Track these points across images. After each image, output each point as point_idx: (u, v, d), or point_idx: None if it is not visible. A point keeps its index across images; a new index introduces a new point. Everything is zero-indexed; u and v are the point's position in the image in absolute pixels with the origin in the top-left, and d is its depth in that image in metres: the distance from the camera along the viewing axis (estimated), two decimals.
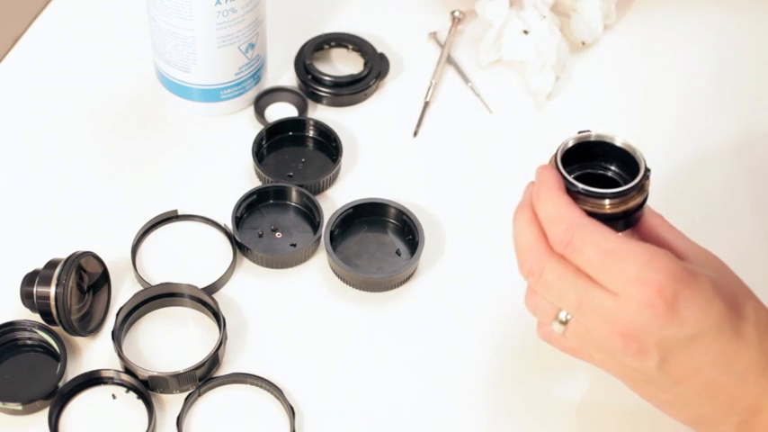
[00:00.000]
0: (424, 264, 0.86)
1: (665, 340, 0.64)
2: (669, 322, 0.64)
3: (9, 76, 0.97)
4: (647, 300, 0.63)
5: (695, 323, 0.64)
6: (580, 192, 0.67)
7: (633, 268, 0.64)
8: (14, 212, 0.88)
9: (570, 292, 0.66)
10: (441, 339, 0.83)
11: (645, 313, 0.64)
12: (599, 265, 0.65)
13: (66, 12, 1.01)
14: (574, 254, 0.66)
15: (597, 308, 0.65)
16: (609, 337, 0.65)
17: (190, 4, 0.86)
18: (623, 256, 0.64)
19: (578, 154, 0.70)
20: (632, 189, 0.67)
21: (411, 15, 1.02)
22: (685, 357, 0.65)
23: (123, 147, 0.92)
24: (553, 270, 0.66)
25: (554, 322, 0.68)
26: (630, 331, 0.64)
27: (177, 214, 0.87)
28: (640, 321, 0.64)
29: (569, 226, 0.66)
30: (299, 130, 0.92)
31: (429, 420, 0.79)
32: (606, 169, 0.71)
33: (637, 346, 0.64)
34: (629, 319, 0.64)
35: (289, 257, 0.85)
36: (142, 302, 0.82)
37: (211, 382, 0.79)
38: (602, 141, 0.70)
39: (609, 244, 0.65)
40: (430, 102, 0.96)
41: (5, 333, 0.80)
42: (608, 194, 0.67)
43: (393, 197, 0.88)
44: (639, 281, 0.64)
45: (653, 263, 0.64)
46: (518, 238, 0.69)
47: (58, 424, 0.77)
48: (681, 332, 0.64)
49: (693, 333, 0.64)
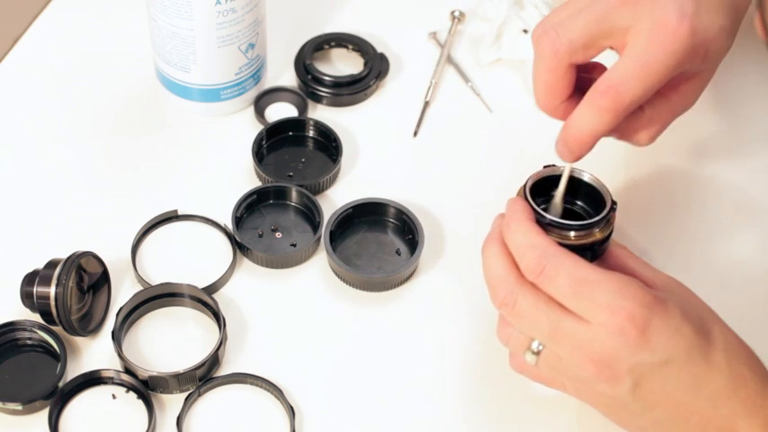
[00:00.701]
0: (424, 264, 0.86)
1: (637, 366, 0.65)
2: (640, 349, 0.65)
3: (9, 76, 0.97)
4: (619, 327, 0.65)
5: (666, 349, 0.65)
6: (548, 223, 0.69)
7: (604, 296, 0.65)
8: (14, 212, 0.88)
9: (543, 321, 0.67)
10: (440, 339, 0.83)
11: (617, 340, 0.65)
12: (571, 293, 0.66)
13: (67, 12, 1.01)
14: (546, 282, 0.67)
15: (570, 336, 0.66)
16: (582, 364, 0.66)
17: (190, 4, 0.86)
18: (594, 285, 0.66)
19: (546, 187, 0.72)
20: (598, 222, 0.69)
21: (411, 15, 1.02)
22: (657, 383, 0.66)
23: (123, 147, 0.92)
24: (525, 299, 0.67)
25: (526, 353, 0.69)
26: (603, 358, 0.65)
27: (177, 214, 0.88)
28: (612, 348, 0.65)
29: (541, 254, 0.67)
30: (299, 130, 0.92)
31: (429, 420, 0.79)
32: (573, 203, 0.73)
33: (609, 372, 0.66)
34: (602, 346, 0.65)
35: (289, 257, 0.85)
36: (142, 302, 0.82)
37: (211, 382, 0.79)
38: (571, 176, 0.72)
39: (580, 272, 0.66)
40: (430, 102, 0.96)
41: (5, 333, 0.80)
42: (575, 226, 0.69)
43: (393, 197, 0.88)
44: (611, 309, 0.65)
45: (623, 291, 0.65)
46: (489, 270, 0.70)
47: (58, 424, 0.77)
48: (652, 358, 0.65)
49: (664, 359, 0.65)
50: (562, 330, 0.66)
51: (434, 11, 1.02)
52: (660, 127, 0.74)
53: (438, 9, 1.01)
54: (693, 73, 0.73)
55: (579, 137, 0.70)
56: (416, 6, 1.03)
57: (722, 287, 0.85)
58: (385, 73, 0.97)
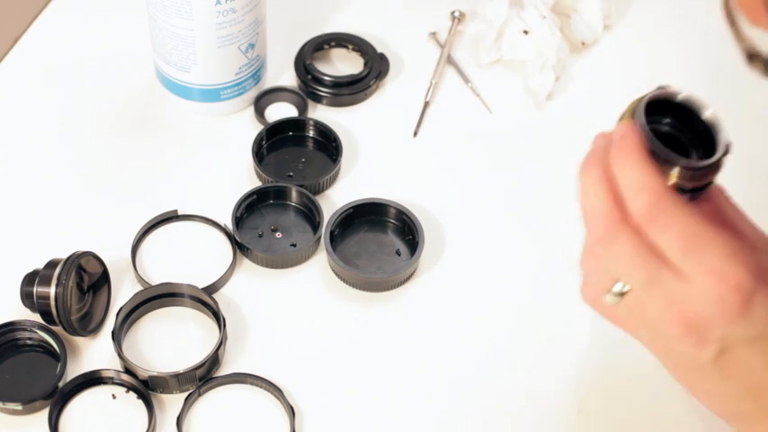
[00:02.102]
0: (424, 264, 0.86)
1: (728, 336, 0.62)
2: (738, 320, 0.61)
3: (9, 76, 0.97)
4: (722, 294, 0.61)
5: (763, 324, 0.62)
6: (657, 152, 0.62)
7: (715, 259, 0.61)
8: (14, 212, 0.88)
9: (640, 269, 0.62)
10: (441, 339, 0.83)
11: (715, 307, 0.61)
12: (681, 248, 0.61)
13: (67, 12, 1.01)
14: (655, 231, 0.62)
15: (666, 290, 0.62)
16: (670, 321, 0.62)
17: (190, 4, 0.86)
18: (707, 245, 0.61)
19: (654, 108, 0.64)
20: (710, 167, 0.63)
21: (411, 15, 1.02)
22: (744, 355, 0.63)
23: (123, 147, 0.92)
24: (627, 243, 0.62)
25: (608, 294, 0.64)
26: (696, 321, 0.62)
27: (177, 214, 0.87)
28: (708, 314, 0.61)
29: (656, 200, 0.61)
30: (299, 130, 0.92)
31: (429, 420, 0.79)
32: (681, 134, 0.66)
33: (697, 337, 0.62)
34: (698, 309, 0.61)
35: (289, 257, 0.85)
36: (142, 302, 0.82)
37: (211, 382, 0.79)
38: (687, 106, 0.65)
39: (695, 228, 0.61)
40: (430, 102, 0.96)
41: (5, 333, 0.80)
42: (685, 165, 0.62)
43: (393, 197, 0.88)
44: (719, 274, 0.61)
45: (735, 257, 0.61)
46: (587, 199, 0.64)
47: (58, 424, 0.77)
48: (747, 332, 0.62)
49: (759, 333, 0.62)
50: (659, 283, 0.62)
51: (434, 11, 1.02)
52: None
53: (438, 9, 1.01)
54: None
55: None
56: (416, 6, 1.03)
57: None
58: (385, 73, 0.97)
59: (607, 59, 1.00)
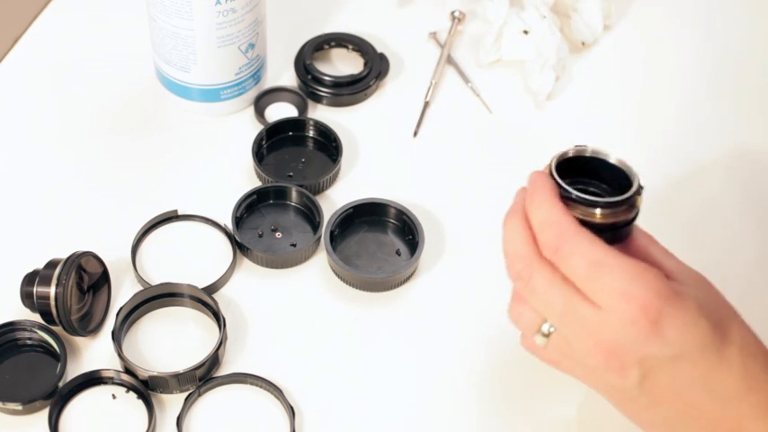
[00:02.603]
0: (424, 264, 0.86)
1: (647, 358, 0.64)
2: (651, 340, 0.63)
3: (9, 76, 0.97)
4: (630, 316, 0.63)
5: (678, 343, 0.63)
6: (573, 198, 0.67)
7: (619, 282, 0.63)
8: (14, 212, 0.88)
9: (557, 300, 0.65)
10: (440, 339, 0.83)
11: (627, 330, 0.63)
12: (585, 275, 0.64)
13: (67, 12, 1.01)
14: (562, 261, 0.65)
15: (581, 320, 0.64)
16: (590, 351, 0.65)
17: (190, 4, 0.86)
18: (610, 269, 0.64)
19: (571, 167, 0.70)
20: (624, 201, 0.67)
21: (411, 15, 1.02)
22: (666, 377, 0.64)
23: (123, 147, 0.92)
24: (542, 275, 0.66)
25: (537, 334, 0.67)
26: (612, 347, 0.64)
27: (177, 214, 0.88)
28: (622, 338, 0.63)
29: (561, 232, 0.65)
30: (299, 130, 0.92)
31: (429, 420, 0.79)
32: (598, 186, 0.71)
33: (617, 362, 0.64)
34: (611, 334, 0.63)
35: (289, 257, 0.85)
36: (142, 302, 0.82)
37: (211, 382, 0.79)
38: (596, 158, 0.70)
39: (597, 255, 0.64)
40: (430, 102, 0.96)
41: (5, 333, 0.80)
42: (600, 203, 0.67)
43: (393, 197, 0.88)
44: (624, 296, 0.63)
45: (639, 279, 0.63)
46: (508, 243, 0.68)
47: (58, 424, 0.77)
48: (663, 351, 0.63)
49: (676, 353, 0.63)
50: (574, 313, 0.65)
51: (434, 11, 1.02)
52: None
53: (438, 9, 1.01)
54: None
55: None
56: (416, 6, 1.03)
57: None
58: (385, 73, 0.97)
59: (607, 59, 1.00)
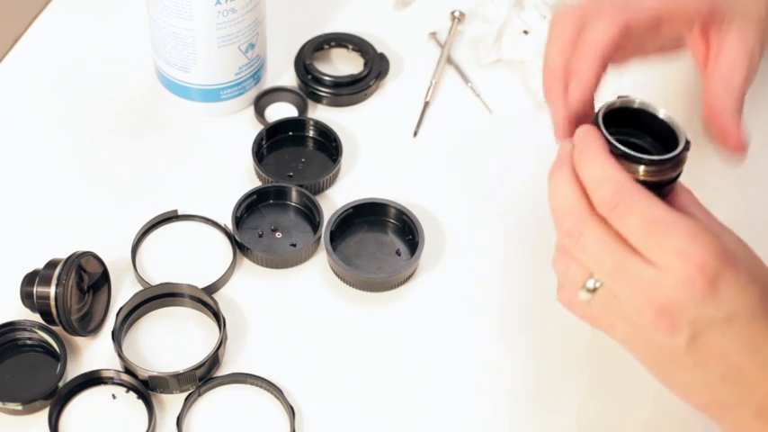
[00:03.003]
0: (424, 264, 0.86)
1: (699, 319, 0.62)
2: (706, 300, 0.62)
3: (9, 76, 0.97)
4: (688, 275, 0.62)
5: (732, 305, 0.62)
6: (620, 154, 0.65)
7: (677, 241, 0.62)
8: (14, 212, 0.88)
9: (608, 257, 0.64)
10: (440, 339, 0.83)
11: (683, 288, 0.62)
12: (643, 232, 0.63)
13: (67, 12, 1.01)
14: (618, 218, 0.63)
15: (634, 277, 0.63)
16: (641, 308, 0.63)
17: (190, 4, 0.86)
18: (669, 228, 0.62)
19: (616, 118, 0.68)
20: (671, 159, 0.66)
21: (411, 15, 1.02)
22: (716, 338, 0.63)
23: (123, 147, 0.92)
24: (593, 232, 0.64)
25: (581, 290, 0.65)
26: (665, 305, 0.62)
27: (177, 214, 0.88)
28: (677, 296, 0.62)
29: (617, 189, 0.64)
30: (299, 130, 0.92)
31: (428, 420, 0.79)
32: (643, 139, 0.69)
33: (669, 321, 0.62)
34: (666, 292, 0.62)
35: (289, 257, 0.85)
36: (142, 302, 0.82)
37: (211, 382, 0.79)
38: (644, 110, 0.68)
39: (656, 212, 0.63)
40: (430, 102, 0.96)
41: (5, 333, 0.80)
42: (646, 160, 0.65)
43: (393, 197, 0.88)
44: (682, 254, 0.62)
45: (698, 238, 0.62)
46: (557, 197, 0.66)
47: (58, 424, 0.77)
48: (716, 312, 0.62)
49: (728, 315, 0.62)
50: (626, 269, 0.63)
51: (434, 11, 1.02)
52: None
53: (438, 9, 1.01)
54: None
55: None
56: (416, 6, 1.03)
57: None
58: (385, 73, 0.97)
59: None
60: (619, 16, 0.70)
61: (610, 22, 0.70)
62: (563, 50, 0.71)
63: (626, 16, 0.70)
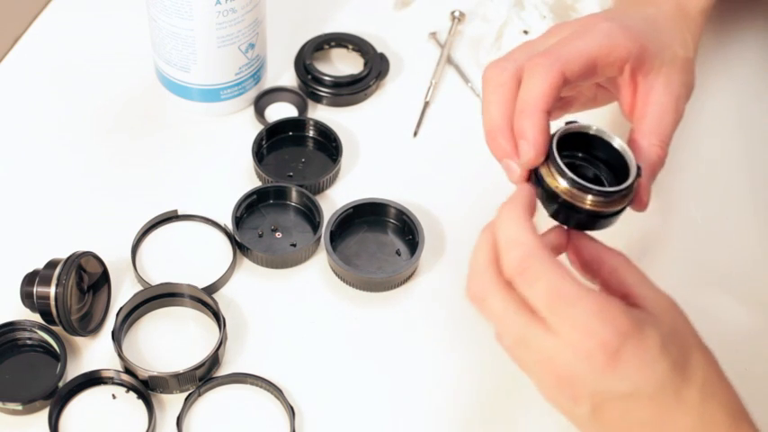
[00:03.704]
0: (424, 264, 0.86)
1: (600, 392, 0.63)
2: (606, 376, 0.62)
3: (9, 76, 0.97)
4: (588, 351, 0.62)
5: (633, 381, 0.62)
6: (570, 179, 0.65)
7: (581, 316, 0.62)
8: (14, 212, 0.88)
9: (511, 326, 0.64)
10: (440, 339, 0.83)
11: (582, 363, 0.62)
12: (547, 304, 0.63)
13: (67, 12, 1.01)
14: (524, 285, 0.64)
15: (536, 347, 0.64)
16: (544, 376, 0.64)
17: (190, 4, 0.86)
18: (573, 301, 0.62)
19: (570, 143, 0.68)
20: (619, 192, 0.66)
21: (411, 15, 1.02)
22: (617, 413, 0.63)
23: (123, 147, 0.92)
24: (496, 299, 0.65)
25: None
26: (565, 376, 0.63)
27: (177, 214, 0.88)
28: (577, 370, 0.63)
29: (527, 255, 0.64)
30: (299, 130, 0.92)
31: (428, 420, 0.79)
32: (594, 166, 0.69)
33: (570, 391, 0.63)
34: (566, 365, 0.63)
35: (289, 257, 0.85)
36: (142, 302, 0.82)
37: (211, 382, 0.79)
38: (599, 137, 0.68)
39: (562, 285, 0.63)
40: (430, 102, 0.96)
41: (5, 333, 0.80)
42: (595, 191, 0.65)
43: (393, 197, 0.88)
44: (583, 331, 0.62)
45: (601, 314, 0.62)
46: (473, 257, 0.67)
47: (58, 424, 0.77)
48: (617, 387, 0.62)
49: (630, 391, 0.62)
50: (528, 339, 0.64)
51: (434, 11, 1.02)
52: None
53: (438, 9, 1.01)
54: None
55: None
56: (416, 6, 1.03)
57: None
58: (385, 73, 0.97)
59: None
60: (552, 67, 0.69)
61: (545, 74, 0.69)
62: (504, 108, 0.70)
63: (559, 66, 0.69)
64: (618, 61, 0.72)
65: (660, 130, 0.72)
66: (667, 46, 0.74)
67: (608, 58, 0.71)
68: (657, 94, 0.73)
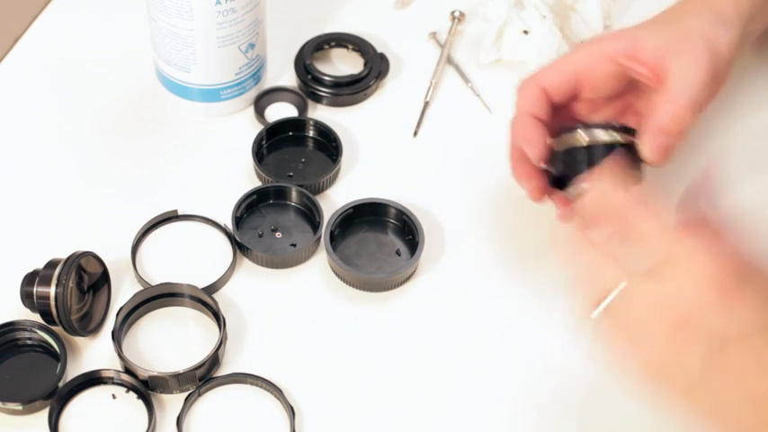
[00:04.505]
0: (424, 264, 0.86)
1: (716, 331, 0.61)
2: (725, 312, 0.61)
3: (9, 76, 0.97)
4: (705, 284, 0.62)
5: (753, 321, 0.61)
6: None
7: (690, 254, 0.63)
8: (14, 212, 0.88)
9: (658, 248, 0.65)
10: (440, 339, 0.83)
11: (701, 299, 0.62)
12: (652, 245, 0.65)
13: (67, 12, 1.01)
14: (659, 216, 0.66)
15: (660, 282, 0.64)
16: (658, 319, 0.63)
17: (190, 4, 0.86)
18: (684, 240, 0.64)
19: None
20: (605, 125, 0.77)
21: (411, 15, 1.02)
22: (735, 356, 0.61)
23: (123, 147, 0.92)
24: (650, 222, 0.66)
25: (597, 307, 0.66)
26: (683, 315, 0.62)
27: (177, 214, 0.88)
28: (695, 306, 0.62)
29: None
30: (299, 130, 0.93)
31: (429, 420, 0.79)
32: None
33: (687, 332, 0.62)
34: (685, 302, 0.62)
35: (289, 257, 0.85)
36: (142, 302, 0.82)
37: (211, 382, 0.79)
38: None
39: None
40: (430, 102, 0.96)
41: (5, 333, 0.80)
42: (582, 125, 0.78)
43: (393, 197, 0.88)
44: (703, 264, 0.62)
45: (716, 253, 0.62)
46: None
47: (58, 424, 0.77)
48: (736, 328, 0.61)
49: (748, 331, 0.61)
50: (643, 288, 0.64)
51: (434, 11, 1.02)
52: None
53: (438, 9, 1.01)
54: None
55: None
56: (416, 6, 1.03)
57: None
58: (385, 73, 0.97)
59: None
60: (531, 82, 0.81)
61: (525, 89, 0.82)
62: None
63: (536, 81, 0.81)
64: (606, 62, 0.81)
65: (674, 93, 0.78)
66: (686, 39, 0.80)
67: (591, 72, 0.81)
68: (678, 70, 0.79)
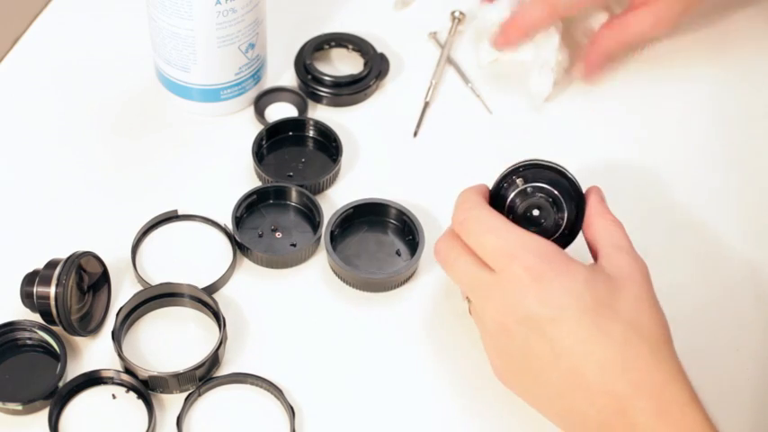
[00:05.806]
0: (424, 264, 0.86)
1: (529, 318, 0.69)
2: (531, 299, 0.68)
3: (9, 76, 0.97)
4: (516, 274, 0.69)
5: (557, 306, 0.68)
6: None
7: (509, 245, 0.70)
8: (14, 212, 0.88)
9: (467, 274, 0.73)
10: (440, 340, 0.83)
11: (512, 288, 0.69)
12: (480, 240, 0.72)
13: (67, 12, 1.01)
14: (464, 231, 0.73)
15: (482, 285, 0.72)
16: (486, 313, 0.72)
17: (190, 4, 0.86)
18: (502, 233, 0.72)
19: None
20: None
21: (411, 15, 1.02)
22: (547, 339, 0.68)
23: (123, 147, 0.92)
24: (455, 251, 0.74)
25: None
26: (500, 306, 0.70)
27: (177, 214, 0.88)
28: (509, 297, 0.69)
29: (469, 206, 0.74)
30: (299, 130, 0.93)
31: (429, 420, 0.79)
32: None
33: (503, 322, 0.70)
34: (501, 293, 0.70)
35: (289, 257, 0.85)
36: (142, 302, 0.82)
37: (211, 382, 0.79)
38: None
39: (493, 223, 0.72)
40: (430, 102, 0.96)
41: (5, 333, 0.80)
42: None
43: (393, 197, 0.88)
44: (510, 256, 0.70)
45: (528, 244, 0.71)
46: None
47: (58, 424, 0.77)
48: (543, 312, 0.68)
49: (555, 315, 0.68)
50: (477, 279, 0.72)
51: (434, 11, 1.02)
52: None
53: (438, 9, 1.01)
54: None
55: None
56: (416, 6, 1.03)
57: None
58: (385, 73, 0.97)
59: None
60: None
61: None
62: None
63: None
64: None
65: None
66: None
67: None
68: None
